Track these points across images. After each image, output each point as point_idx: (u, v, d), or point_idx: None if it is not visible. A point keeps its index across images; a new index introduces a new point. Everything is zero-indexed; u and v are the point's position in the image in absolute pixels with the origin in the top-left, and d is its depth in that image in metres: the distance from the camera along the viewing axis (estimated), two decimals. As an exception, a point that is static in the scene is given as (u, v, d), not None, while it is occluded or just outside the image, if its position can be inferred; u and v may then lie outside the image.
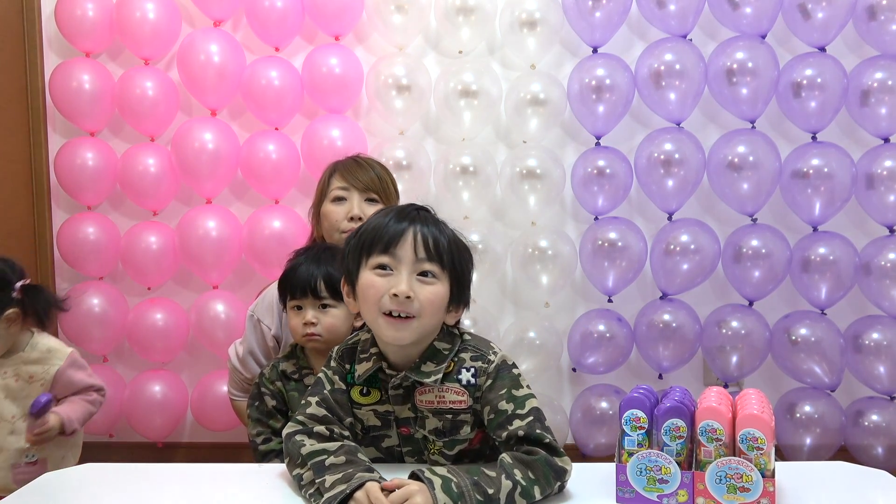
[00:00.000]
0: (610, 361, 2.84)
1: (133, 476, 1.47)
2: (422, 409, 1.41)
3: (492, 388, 1.39)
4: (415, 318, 1.35)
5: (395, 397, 1.42)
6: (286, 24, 2.90)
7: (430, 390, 1.40)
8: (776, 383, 2.93)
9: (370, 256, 1.37)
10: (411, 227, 1.37)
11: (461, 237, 1.45)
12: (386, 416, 1.43)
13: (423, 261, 1.36)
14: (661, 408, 1.29)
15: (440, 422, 1.41)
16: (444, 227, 1.42)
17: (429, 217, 1.42)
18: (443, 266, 1.38)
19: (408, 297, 1.33)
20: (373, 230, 1.39)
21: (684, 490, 1.26)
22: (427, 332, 1.39)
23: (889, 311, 2.72)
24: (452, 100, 2.82)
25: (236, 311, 2.89)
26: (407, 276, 1.35)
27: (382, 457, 1.47)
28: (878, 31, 2.74)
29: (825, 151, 2.74)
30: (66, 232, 2.97)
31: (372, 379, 1.43)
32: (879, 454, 2.71)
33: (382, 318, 1.35)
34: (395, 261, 1.36)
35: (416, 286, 1.35)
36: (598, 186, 2.81)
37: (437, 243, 1.37)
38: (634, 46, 2.96)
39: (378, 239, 1.37)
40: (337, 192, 2.06)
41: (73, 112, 2.96)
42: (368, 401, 1.44)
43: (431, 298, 1.36)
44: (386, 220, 1.39)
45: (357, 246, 1.40)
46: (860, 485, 1.40)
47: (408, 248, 1.36)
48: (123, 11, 2.90)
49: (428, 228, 1.38)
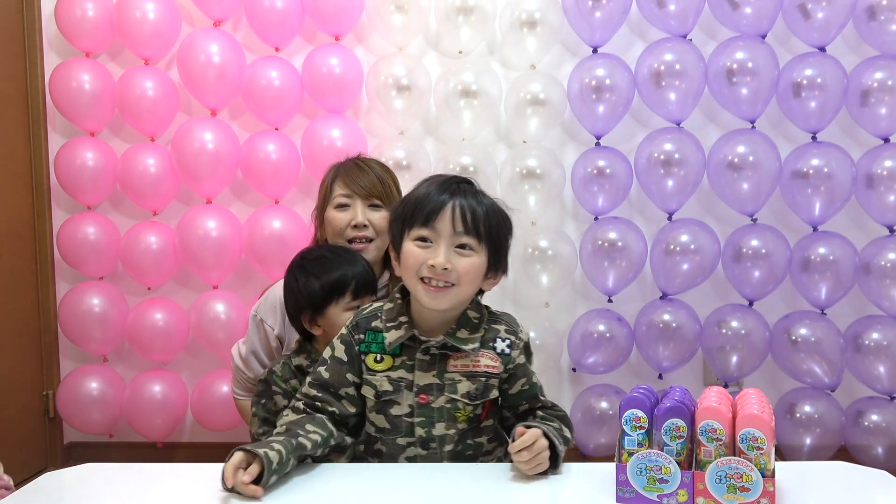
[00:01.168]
0: (610, 361, 2.84)
1: (133, 476, 1.48)
2: (454, 373, 1.51)
3: (524, 363, 1.56)
4: (453, 286, 1.45)
5: (420, 363, 1.51)
6: (286, 24, 2.90)
7: (464, 356, 1.51)
8: (776, 383, 2.93)
9: (412, 228, 1.47)
10: (451, 200, 1.46)
11: (501, 206, 1.54)
12: (398, 383, 1.51)
13: (460, 234, 1.45)
14: (661, 408, 1.29)
15: (473, 385, 1.51)
16: (484, 197, 1.51)
17: (469, 190, 1.50)
18: (479, 238, 1.47)
19: (445, 268, 1.43)
20: (415, 202, 1.48)
21: (684, 490, 1.26)
22: (463, 300, 1.50)
23: (889, 311, 2.72)
24: (452, 100, 2.82)
25: (236, 311, 2.89)
26: (445, 250, 1.44)
27: (388, 427, 1.54)
28: (878, 31, 2.74)
29: (825, 151, 2.74)
30: (66, 232, 2.97)
31: (385, 344, 1.52)
32: (879, 454, 2.71)
33: (421, 284, 1.45)
34: (435, 233, 1.45)
35: (454, 258, 1.45)
36: (598, 186, 2.81)
37: (475, 216, 1.46)
38: (634, 46, 2.96)
39: (419, 211, 1.46)
40: (340, 200, 2.05)
41: (73, 112, 2.96)
42: (382, 367, 1.52)
43: (468, 269, 1.46)
44: (427, 193, 1.48)
45: (401, 216, 1.50)
46: (860, 485, 1.40)
47: (446, 222, 1.45)
48: (123, 11, 2.90)
49: (467, 202, 1.47)
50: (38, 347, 3.08)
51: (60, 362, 3.15)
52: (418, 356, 1.51)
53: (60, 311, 3.00)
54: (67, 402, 2.97)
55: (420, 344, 1.51)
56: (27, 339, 3.03)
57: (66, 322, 2.98)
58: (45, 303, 3.09)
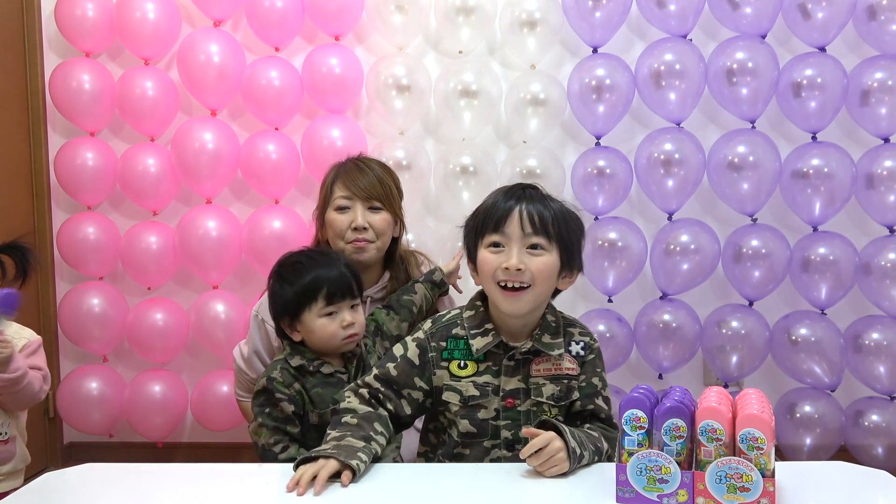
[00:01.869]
0: (610, 361, 2.83)
1: (133, 476, 1.48)
2: (538, 377, 1.56)
3: (592, 363, 1.63)
4: (528, 287, 1.49)
5: (507, 368, 1.56)
6: (286, 24, 2.90)
7: (546, 359, 1.57)
8: (776, 383, 2.93)
9: (484, 236, 1.53)
10: (517, 205, 1.51)
11: (570, 208, 1.58)
12: (485, 388, 1.56)
13: (530, 235, 1.50)
14: (661, 408, 1.29)
15: (557, 387, 1.57)
16: (551, 201, 1.55)
17: (534, 194, 1.55)
18: (549, 238, 1.51)
19: (518, 269, 1.48)
20: (484, 212, 1.55)
21: (684, 490, 1.26)
22: (541, 301, 1.55)
23: (889, 311, 2.72)
24: (452, 100, 2.82)
25: (236, 311, 2.89)
26: (517, 251, 1.49)
27: (475, 430, 1.57)
28: (878, 31, 2.74)
29: (825, 151, 2.74)
30: (66, 232, 2.97)
31: (468, 350, 1.56)
32: (879, 454, 2.71)
33: (498, 289, 1.51)
34: (506, 238, 1.51)
35: (526, 258, 1.50)
36: (598, 186, 2.81)
37: (542, 218, 1.50)
38: (634, 46, 2.95)
39: (489, 219, 1.52)
40: (340, 202, 2.04)
41: (73, 112, 2.96)
42: (467, 373, 1.57)
43: (541, 268, 1.50)
44: (495, 201, 1.54)
45: (472, 228, 1.57)
46: (860, 485, 1.40)
47: (515, 225, 1.50)
48: (123, 11, 2.90)
49: (533, 205, 1.51)
50: (38, 347, 3.08)
51: (60, 362, 3.15)
52: (504, 362, 1.56)
53: (60, 311, 3.00)
54: (67, 403, 2.97)
55: (507, 350, 1.56)
56: (27, 339, 3.03)
57: (66, 322, 2.97)
58: (45, 303, 3.09)
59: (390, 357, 1.61)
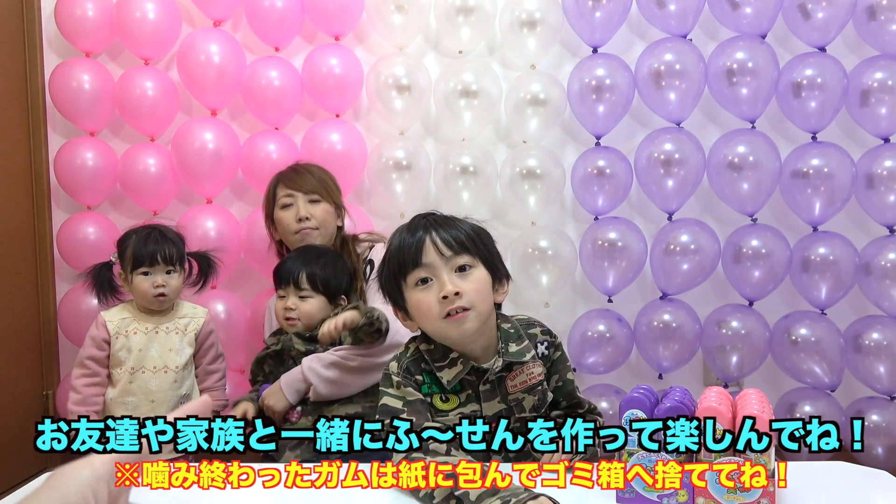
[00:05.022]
0: (610, 361, 2.84)
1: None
2: (515, 393, 1.50)
3: (560, 359, 1.59)
4: (470, 309, 1.44)
5: (485, 393, 1.49)
6: (286, 24, 2.90)
7: (519, 371, 1.51)
8: (776, 383, 2.93)
9: (406, 277, 1.47)
10: (426, 234, 1.46)
11: (472, 221, 1.55)
12: (473, 416, 1.49)
13: (452, 257, 1.45)
14: (661, 408, 1.29)
15: (535, 397, 1.52)
16: (453, 220, 1.52)
17: (436, 218, 1.50)
18: (472, 254, 1.47)
19: (456, 293, 1.42)
20: (396, 254, 1.48)
21: (684, 490, 1.26)
22: (485, 316, 1.48)
23: (889, 311, 2.72)
24: (452, 100, 2.82)
25: (236, 312, 2.89)
26: (448, 276, 1.44)
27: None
28: (878, 31, 2.74)
29: (825, 151, 2.74)
30: (66, 232, 2.97)
31: (441, 383, 1.48)
32: (879, 454, 2.71)
33: (443, 322, 1.44)
34: (430, 269, 1.45)
35: (458, 282, 1.44)
36: (598, 186, 2.81)
37: (456, 237, 1.47)
38: (634, 46, 2.96)
39: (405, 258, 1.46)
40: (284, 200, 2.36)
41: (73, 112, 2.96)
42: (451, 406, 1.49)
43: (476, 286, 1.46)
44: (402, 239, 1.48)
45: (390, 274, 1.50)
46: (860, 485, 1.40)
47: (433, 254, 1.45)
48: (123, 11, 2.90)
49: (442, 229, 1.47)
50: (37, 348, 3.08)
51: (60, 362, 3.15)
52: (480, 388, 1.49)
53: (60, 311, 3.00)
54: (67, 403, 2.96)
55: (480, 375, 1.49)
56: (27, 340, 3.03)
57: (66, 322, 2.97)
58: (45, 303, 3.09)
59: (393, 412, 1.44)
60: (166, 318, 2.32)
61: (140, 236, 2.29)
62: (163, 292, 2.27)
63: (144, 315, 2.31)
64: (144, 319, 2.31)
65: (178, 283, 2.31)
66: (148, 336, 2.28)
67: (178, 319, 2.33)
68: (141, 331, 2.28)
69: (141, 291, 2.27)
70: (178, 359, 2.29)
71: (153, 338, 2.29)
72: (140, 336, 2.28)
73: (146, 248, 2.26)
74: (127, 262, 2.28)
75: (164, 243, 2.28)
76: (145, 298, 2.27)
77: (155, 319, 2.31)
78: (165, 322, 2.32)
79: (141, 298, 2.29)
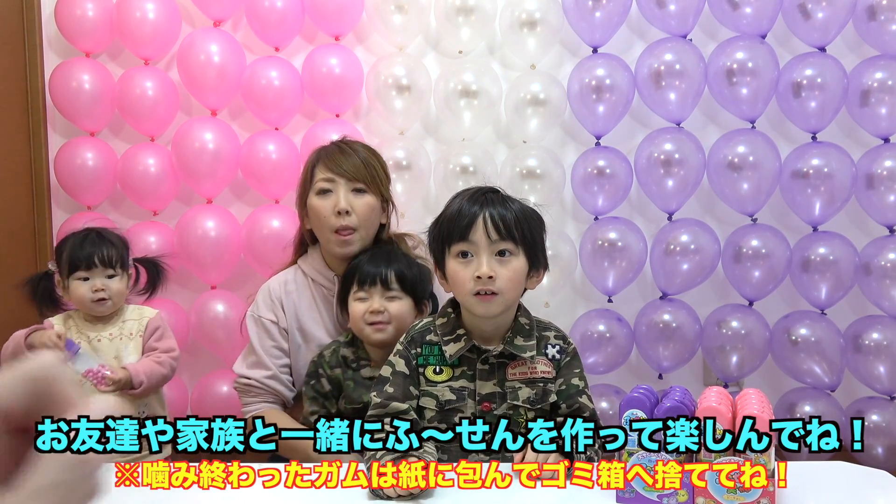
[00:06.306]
0: (610, 361, 2.84)
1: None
2: (514, 381, 1.57)
3: (569, 365, 1.62)
4: (498, 294, 1.51)
5: (481, 373, 1.57)
6: (286, 24, 2.90)
7: (521, 363, 1.58)
8: (776, 383, 2.93)
9: (451, 245, 1.55)
10: (481, 211, 1.52)
11: (528, 205, 1.61)
12: (461, 392, 1.57)
13: (497, 242, 1.52)
14: (661, 408, 1.29)
15: (533, 391, 1.58)
16: (511, 202, 1.57)
17: (496, 198, 1.56)
18: (516, 242, 1.53)
19: (490, 276, 1.50)
20: (448, 220, 1.56)
21: (684, 490, 1.26)
22: (511, 303, 1.57)
23: (889, 311, 2.72)
24: (452, 100, 2.82)
25: (236, 312, 2.88)
26: (486, 259, 1.51)
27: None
28: (878, 31, 2.74)
29: (825, 151, 2.74)
30: (66, 232, 2.95)
31: (442, 356, 1.57)
32: (879, 454, 2.71)
33: (472, 297, 1.52)
34: (473, 246, 1.52)
35: (496, 266, 1.51)
36: (598, 186, 2.81)
37: (506, 221, 1.52)
38: (634, 46, 2.96)
39: (455, 227, 1.53)
40: (322, 185, 1.94)
41: (73, 112, 2.96)
42: (443, 378, 1.58)
43: (511, 275, 1.53)
44: (459, 208, 1.55)
45: (438, 236, 1.58)
46: (860, 485, 1.40)
47: (481, 233, 1.52)
48: (123, 11, 2.90)
49: (496, 209, 1.52)
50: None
51: (60, 362, 3.14)
52: (479, 366, 1.57)
53: (60, 311, 3.00)
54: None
55: (480, 354, 1.57)
56: (27, 339, 3.03)
57: (66, 322, 2.97)
58: (45, 303, 3.09)
59: (382, 380, 1.59)
60: (110, 325, 2.15)
61: (76, 239, 2.13)
62: (103, 297, 2.08)
63: (87, 324, 2.14)
64: (87, 328, 2.14)
65: (120, 286, 2.12)
66: (91, 346, 2.12)
67: (122, 324, 2.16)
68: (84, 340, 2.11)
69: (78, 297, 2.09)
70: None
71: (96, 346, 2.12)
72: (83, 346, 2.11)
73: (82, 251, 2.09)
74: (63, 267, 2.11)
75: (101, 245, 2.11)
76: (84, 304, 2.10)
77: (98, 328, 2.14)
78: (109, 328, 2.14)
79: (80, 304, 2.11)
